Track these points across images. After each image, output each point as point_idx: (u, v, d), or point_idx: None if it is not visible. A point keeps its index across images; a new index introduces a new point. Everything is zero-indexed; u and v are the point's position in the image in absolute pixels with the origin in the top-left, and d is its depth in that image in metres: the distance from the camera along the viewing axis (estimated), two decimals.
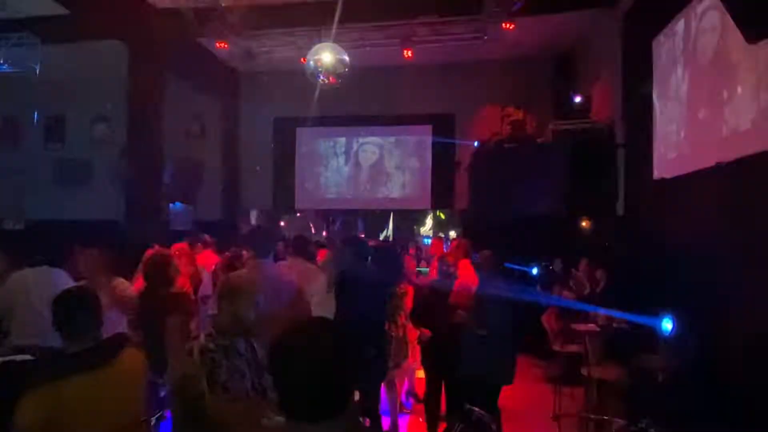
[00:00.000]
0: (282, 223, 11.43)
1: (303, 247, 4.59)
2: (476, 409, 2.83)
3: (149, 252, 4.25)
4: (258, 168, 11.36)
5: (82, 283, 3.41)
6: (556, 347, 6.05)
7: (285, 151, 11.59)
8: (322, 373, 1.25)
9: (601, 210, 7.48)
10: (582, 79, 9.47)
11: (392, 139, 11.48)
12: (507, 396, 4.33)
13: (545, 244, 7.60)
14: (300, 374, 1.25)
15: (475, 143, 9.45)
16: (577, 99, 8.34)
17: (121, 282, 4.45)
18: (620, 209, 7.25)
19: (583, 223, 7.96)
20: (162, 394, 3.31)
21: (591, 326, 5.29)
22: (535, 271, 7.15)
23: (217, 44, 8.37)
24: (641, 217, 6.54)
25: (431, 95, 10.51)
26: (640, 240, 6.24)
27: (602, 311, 5.30)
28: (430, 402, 4.45)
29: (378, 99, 10.49)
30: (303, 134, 11.74)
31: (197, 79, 8.90)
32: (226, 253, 5.70)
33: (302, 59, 8.09)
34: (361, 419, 3.43)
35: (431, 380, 4.43)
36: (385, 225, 12.24)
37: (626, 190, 7.18)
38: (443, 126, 11.01)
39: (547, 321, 6.40)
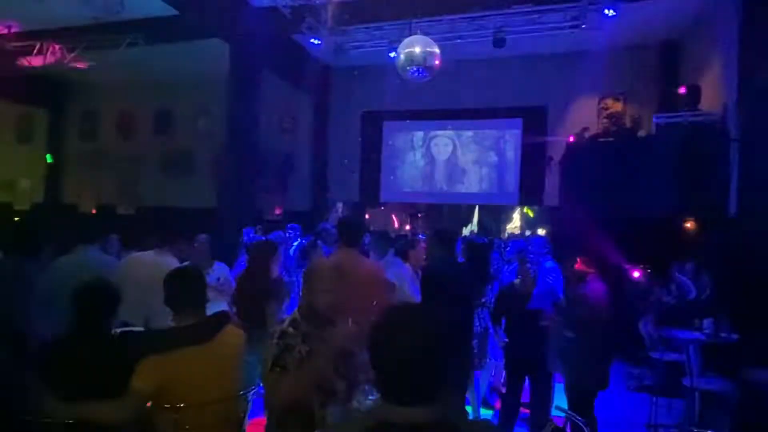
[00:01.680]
0: (366, 216, 11.61)
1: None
2: (570, 413, 2.71)
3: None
4: (346, 161, 11.61)
5: (187, 264, 3.66)
6: (654, 354, 5.68)
7: (372, 145, 11.75)
8: (421, 356, 1.26)
9: (710, 210, 6.89)
10: (690, 67, 8.76)
11: (479, 132, 11.29)
12: (599, 403, 4.13)
13: (645, 246, 7.13)
14: (399, 356, 1.27)
15: (569, 137, 9.04)
16: (684, 89, 7.72)
17: (221, 265, 4.77)
18: (732, 210, 6.64)
19: (688, 224, 7.38)
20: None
21: (695, 334, 4.90)
22: (636, 274, 6.73)
23: (311, 40, 8.62)
24: (757, 218, 5.95)
25: (522, 88, 10.18)
26: (754, 244, 5.68)
27: (707, 319, 4.91)
28: (507, 399, 4.35)
29: (467, 92, 10.34)
30: (390, 128, 11.84)
31: (291, 74, 9.25)
32: (302, 241, 5.96)
33: (392, 53, 8.21)
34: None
35: (511, 379, 4.33)
36: (469, 220, 12.07)
37: (740, 188, 6.56)
38: (534, 119, 10.64)
39: (645, 326, 6.02)
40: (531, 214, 11.69)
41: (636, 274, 6.82)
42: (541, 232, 10.28)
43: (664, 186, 7.06)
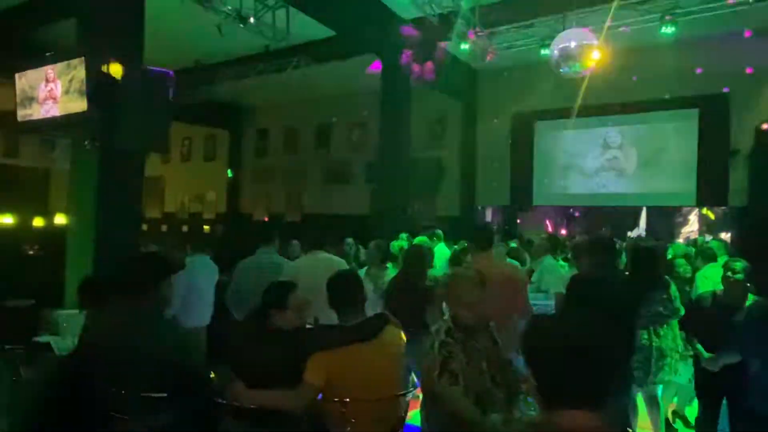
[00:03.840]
0: (518, 221, 11.24)
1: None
2: None
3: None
4: (495, 165, 11.40)
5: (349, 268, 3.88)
6: None
7: (523, 147, 11.37)
8: (580, 361, 1.23)
9: None
10: None
11: (647, 126, 10.28)
12: None
13: None
14: (558, 361, 1.25)
15: (762, 126, 7.80)
16: None
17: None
18: None
19: None
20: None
21: None
22: None
23: (459, 46, 8.63)
24: None
25: (697, 75, 9.05)
26: None
27: None
28: (699, 428, 3.83)
29: (630, 84, 9.48)
30: (542, 128, 11.35)
31: (440, 81, 9.35)
32: (455, 248, 5.95)
33: (545, 50, 7.87)
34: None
35: (705, 405, 3.79)
36: (636, 224, 11.03)
37: None
38: (713, 109, 9.39)
39: None
40: (712, 216, 10.29)
41: None
42: (724, 236, 9.01)
43: None
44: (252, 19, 7.37)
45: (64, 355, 3.19)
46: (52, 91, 4.68)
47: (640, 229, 10.82)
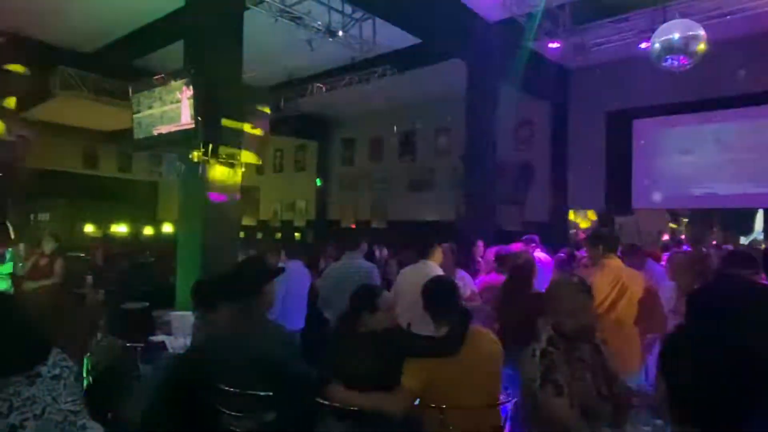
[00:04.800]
0: (617, 225, 10.63)
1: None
2: None
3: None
4: (588, 166, 10.89)
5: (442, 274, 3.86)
6: None
7: (619, 147, 10.76)
8: (726, 376, 1.13)
9: None
10: None
11: (756, 121, 9.37)
12: None
13: None
14: (694, 376, 1.16)
15: None
16: None
17: (463, 274, 4.92)
18: None
19: None
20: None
21: None
22: None
23: (549, 45, 8.37)
24: None
25: None
26: None
27: None
28: None
29: (739, 76, 8.70)
30: (641, 126, 10.69)
31: (527, 83, 9.11)
32: (560, 254, 5.71)
33: (643, 44, 7.44)
34: None
35: None
36: (750, 228, 10.06)
37: None
38: None
39: None
40: None
41: None
42: None
43: None
44: (341, 33, 7.61)
45: (177, 354, 3.43)
46: (164, 110, 5.10)
47: (756, 233, 9.86)
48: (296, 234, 15.68)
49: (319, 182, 15.83)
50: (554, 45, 8.04)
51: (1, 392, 1.62)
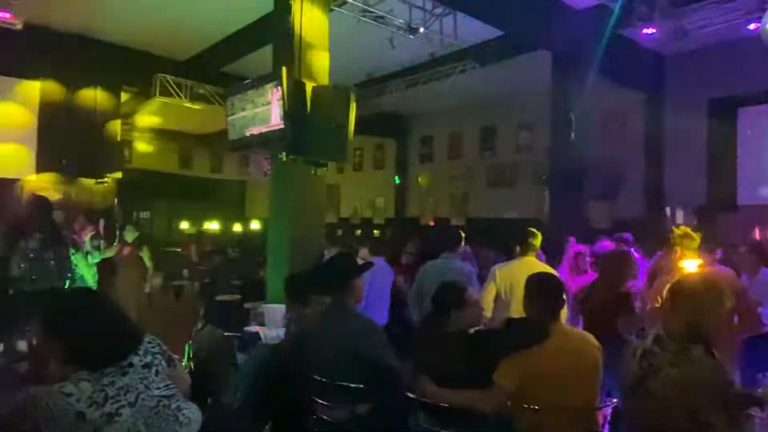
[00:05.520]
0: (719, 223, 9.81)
1: None
2: None
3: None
4: (687, 159, 10.13)
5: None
6: None
7: (722, 137, 9.92)
8: None
9: None
10: None
11: None
12: None
13: None
14: None
15: None
16: None
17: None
18: None
19: None
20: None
21: None
22: None
23: (643, 31, 7.88)
24: None
25: None
26: None
27: None
28: None
29: None
30: (747, 114, 9.80)
31: (618, 72, 8.62)
32: (659, 253, 5.37)
33: (752, 25, 6.83)
34: None
35: None
36: None
37: None
38: None
39: None
40: None
41: None
42: None
43: None
44: (421, 29, 7.60)
45: (272, 344, 3.58)
46: (255, 112, 5.33)
47: None
48: (375, 231, 15.88)
49: (397, 180, 15.92)
50: (649, 30, 7.55)
51: (96, 383, 1.71)
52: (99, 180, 10.90)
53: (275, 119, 5.05)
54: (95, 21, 9.46)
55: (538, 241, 4.30)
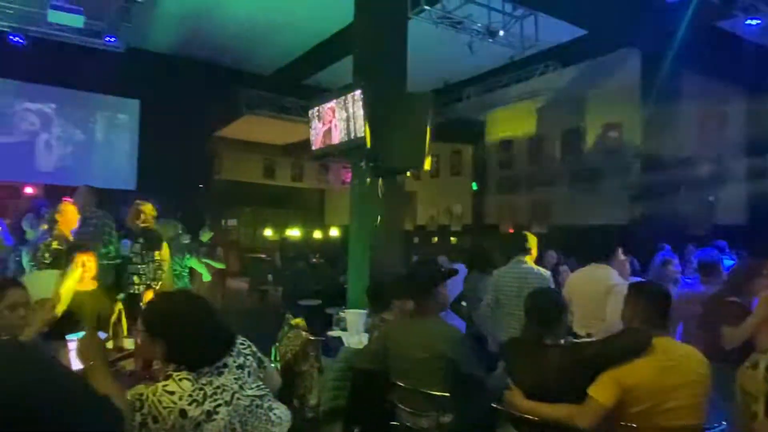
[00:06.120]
0: None
1: None
2: None
3: None
4: None
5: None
6: None
7: None
8: None
9: None
10: None
11: None
12: None
13: None
14: None
15: None
16: None
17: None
18: None
19: None
20: None
21: None
22: None
23: (745, 22, 7.28)
24: None
25: None
26: None
27: None
28: None
29: None
30: None
31: (716, 67, 8.01)
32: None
33: None
34: None
35: None
36: None
37: None
38: None
39: None
40: None
41: None
42: None
43: None
44: (501, 32, 7.47)
45: (355, 349, 3.62)
46: (337, 122, 5.46)
47: None
48: (452, 239, 15.73)
49: (475, 186, 15.70)
50: (754, 22, 6.95)
51: (195, 383, 1.79)
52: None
53: (356, 128, 5.15)
54: (187, 42, 10.16)
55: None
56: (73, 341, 2.46)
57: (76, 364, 1.86)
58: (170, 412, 1.72)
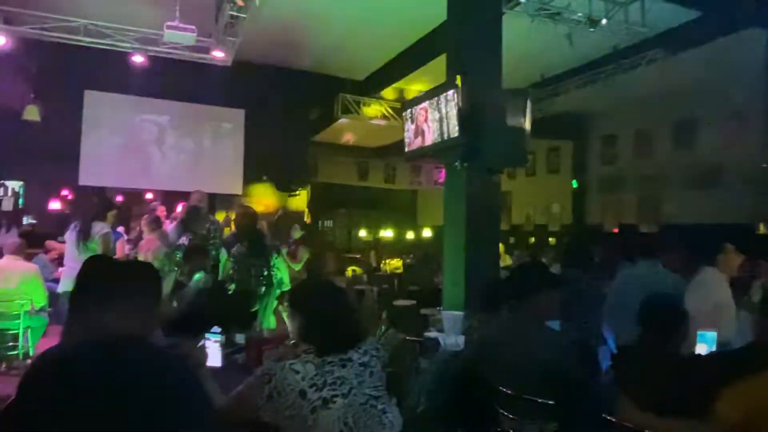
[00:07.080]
0: None
1: None
2: None
3: None
4: None
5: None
6: None
7: None
8: None
9: None
10: None
11: None
12: None
13: None
14: None
15: None
16: None
17: None
18: None
19: None
20: None
21: None
22: None
23: None
24: None
25: None
26: None
27: None
28: None
29: None
30: None
31: None
32: None
33: None
34: None
35: None
36: None
37: None
38: None
39: None
40: None
41: None
42: None
43: None
44: (604, 21, 7.05)
45: (454, 351, 3.58)
46: (431, 123, 5.44)
47: None
48: (551, 239, 15.11)
49: (575, 184, 14.97)
50: None
51: (319, 368, 1.89)
52: (292, 193, 12.19)
53: (451, 128, 5.09)
54: (288, 53, 10.66)
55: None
56: (209, 339, 2.68)
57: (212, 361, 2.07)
58: (292, 390, 1.83)
